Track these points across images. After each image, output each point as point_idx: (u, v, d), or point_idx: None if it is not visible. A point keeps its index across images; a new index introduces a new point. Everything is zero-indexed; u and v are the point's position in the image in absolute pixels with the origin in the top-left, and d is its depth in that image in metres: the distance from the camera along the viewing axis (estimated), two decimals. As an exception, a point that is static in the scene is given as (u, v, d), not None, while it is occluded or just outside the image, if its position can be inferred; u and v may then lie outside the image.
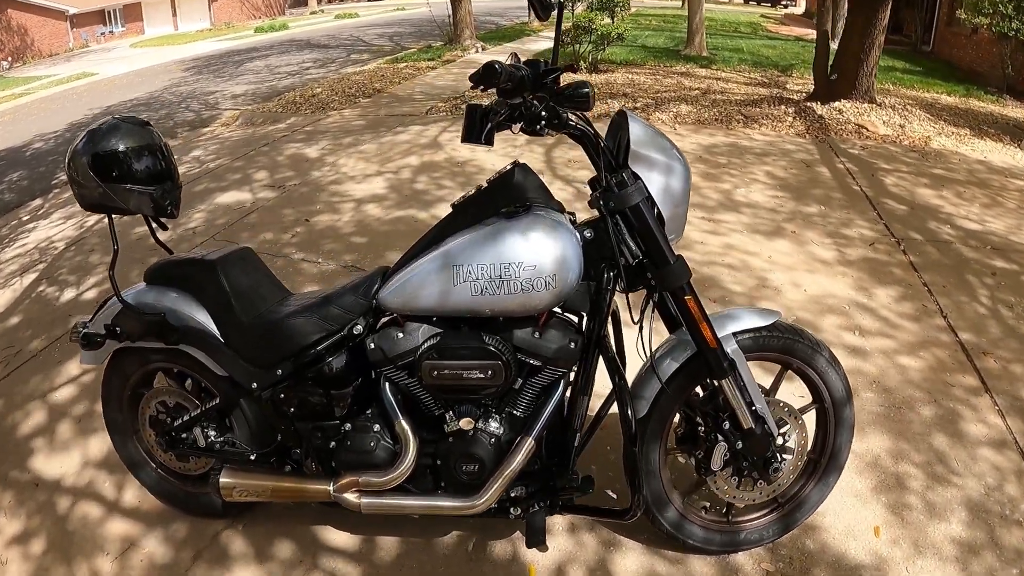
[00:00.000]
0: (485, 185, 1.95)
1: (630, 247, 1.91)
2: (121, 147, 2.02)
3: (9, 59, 25.12)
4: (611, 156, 1.88)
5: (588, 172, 1.94)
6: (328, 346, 2.10)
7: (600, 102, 8.93)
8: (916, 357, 3.41)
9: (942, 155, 6.79)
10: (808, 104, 8.55)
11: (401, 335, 1.99)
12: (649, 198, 1.86)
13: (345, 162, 6.79)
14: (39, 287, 4.73)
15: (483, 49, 15.24)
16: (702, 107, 8.64)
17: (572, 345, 1.95)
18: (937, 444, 2.82)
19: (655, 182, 1.86)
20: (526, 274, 1.81)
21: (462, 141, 1.87)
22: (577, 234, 1.88)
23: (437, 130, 7.75)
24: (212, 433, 2.38)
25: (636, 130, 1.85)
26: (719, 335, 1.97)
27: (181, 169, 6.73)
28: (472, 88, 1.73)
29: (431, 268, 1.91)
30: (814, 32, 19.48)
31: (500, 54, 13.47)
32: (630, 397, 2.04)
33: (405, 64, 13.46)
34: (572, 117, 1.86)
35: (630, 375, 2.11)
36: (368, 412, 2.17)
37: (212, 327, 2.21)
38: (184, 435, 2.39)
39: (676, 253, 1.92)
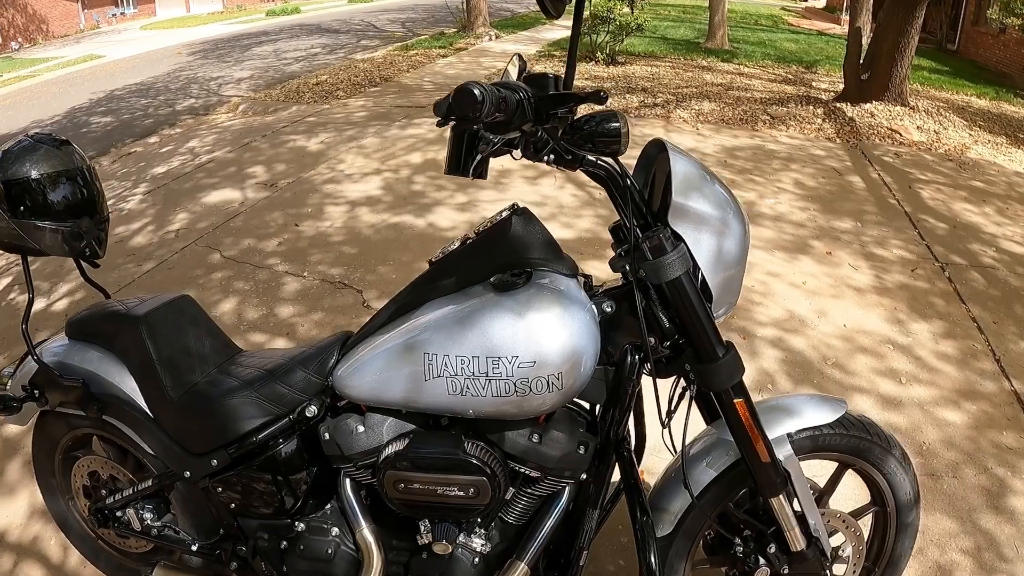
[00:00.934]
0: (472, 237, 1.55)
1: (664, 327, 1.50)
2: (34, 174, 1.65)
3: (19, 40, 24.81)
4: (644, 205, 1.46)
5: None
6: (274, 431, 1.71)
7: (616, 96, 8.55)
8: (961, 410, 3.02)
9: (979, 166, 6.35)
10: (837, 105, 8.12)
11: (361, 429, 1.59)
12: (694, 268, 1.45)
13: (344, 158, 6.43)
14: (10, 295, 4.40)
15: (497, 37, 14.82)
16: (725, 105, 8.22)
17: (582, 450, 1.55)
18: (985, 524, 2.44)
19: (704, 246, 1.44)
20: (522, 371, 1.40)
21: (445, 172, 1.43)
22: (594, 308, 1.49)
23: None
24: (148, 516, 1.99)
25: (681, 170, 1.41)
26: (771, 436, 1.57)
27: (174, 162, 6.29)
28: (440, 124, 1.25)
29: (395, 352, 1.50)
30: (837, 27, 19.04)
31: (514, 43, 13.13)
32: (650, 514, 1.64)
33: (416, 52, 13.07)
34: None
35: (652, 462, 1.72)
36: (327, 508, 1.78)
37: (139, 398, 1.83)
38: (119, 513, 2.02)
39: (726, 340, 1.51)
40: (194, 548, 1.95)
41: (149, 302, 1.94)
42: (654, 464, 2.26)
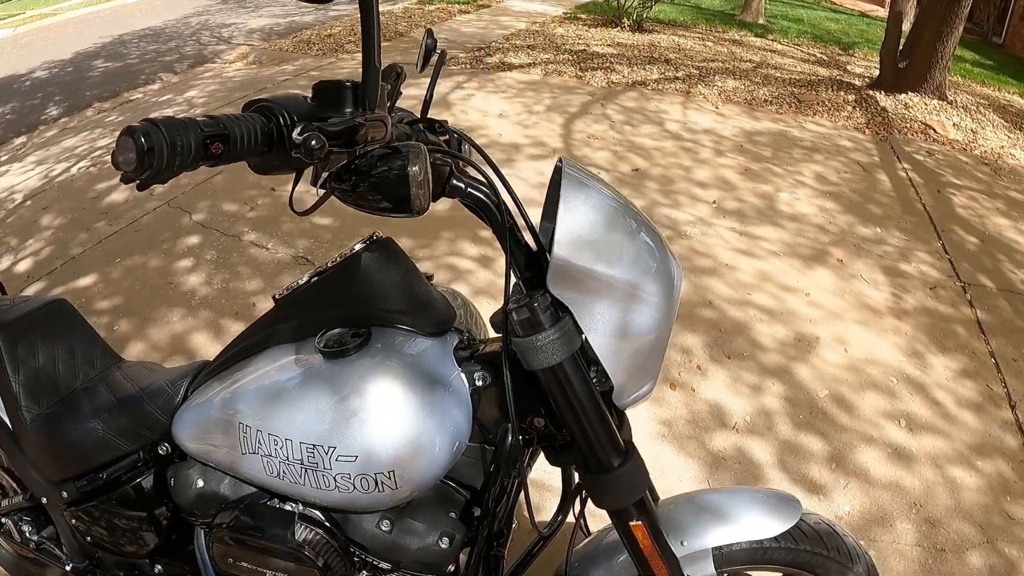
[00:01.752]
0: (315, 278, 1.24)
1: (550, 418, 1.18)
2: None
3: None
4: (528, 255, 1.12)
5: (612, 158, 1.21)
6: (123, 468, 1.51)
7: (638, 67, 8.08)
8: (973, 469, 2.66)
9: (1017, 173, 5.86)
10: (871, 92, 7.61)
11: (201, 483, 1.37)
12: (583, 348, 1.09)
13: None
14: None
15: (524, -5, 14.26)
16: (752, 84, 7.74)
17: (444, 543, 1.25)
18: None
19: (602, 318, 1.06)
20: (342, 466, 1.10)
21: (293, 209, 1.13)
22: (462, 378, 1.18)
23: (449, 86, 6.97)
24: (26, 528, 1.84)
25: (573, 213, 1.02)
26: (690, 549, 1.25)
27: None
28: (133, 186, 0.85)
29: (217, 409, 1.24)
30: (880, 9, 18.22)
31: (540, 2, 12.56)
32: None
33: (436, 6, 12.57)
34: (468, 170, 1.14)
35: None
36: (189, 549, 1.56)
37: (3, 413, 1.64)
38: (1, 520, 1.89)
39: (626, 438, 1.18)
40: (67, 568, 1.79)
41: (17, 308, 1.73)
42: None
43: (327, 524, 1.28)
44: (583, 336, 1.08)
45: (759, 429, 2.79)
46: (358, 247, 1.20)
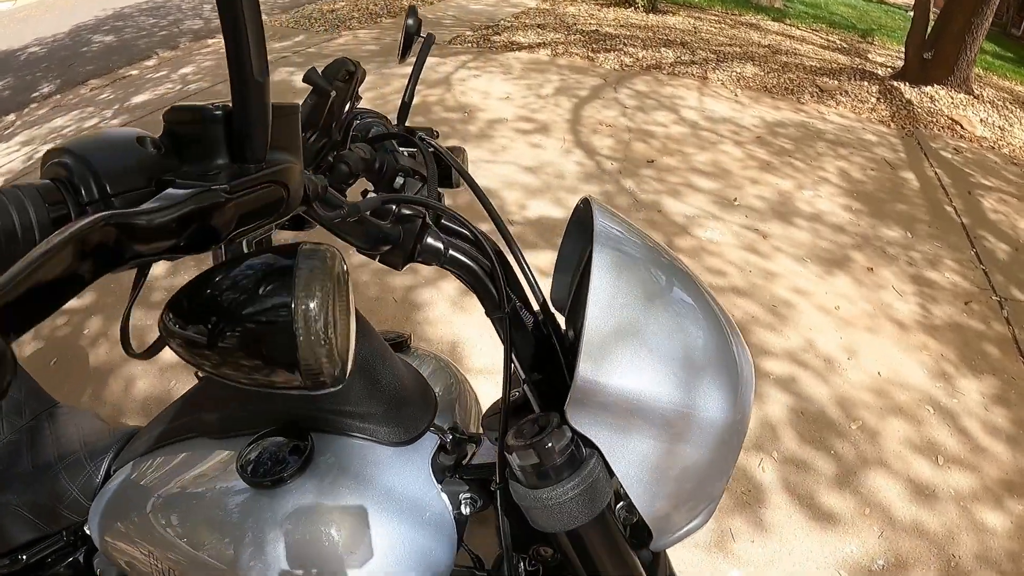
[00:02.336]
0: None
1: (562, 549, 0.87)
2: None
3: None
4: (528, 348, 0.84)
5: (617, 145, 0.95)
6: (45, 552, 1.27)
7: (652, 50, 7.75)
8: (1004, 512, 2.40)
9: (1049, 171, 5.56)
10: (895, 83, 7.27)
11: None
12: (616, 498, 0.84)
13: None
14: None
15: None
16: (770, 70, 7.41)
17: None
18: None
19: (640, 456, 0.76)
20: None
21: None
22: (445, 501, 0.91)
23: (453, 65, 6.65)
24: None
25: (603, 308, 0.74)
26: None
27: (161, 89, 5.67)
28: None
29: (131, 509, 0.99)
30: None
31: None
32: None
33: (446, -19, 12.19)
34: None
35: None
36: None
37: None
38: None
39: None
40: None
41: None
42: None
43: None
44: (614, 479, 0.77)
45: (757, 445, 2.53)
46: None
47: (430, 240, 0.83)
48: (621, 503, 0.87)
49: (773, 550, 2.20)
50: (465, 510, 0.91)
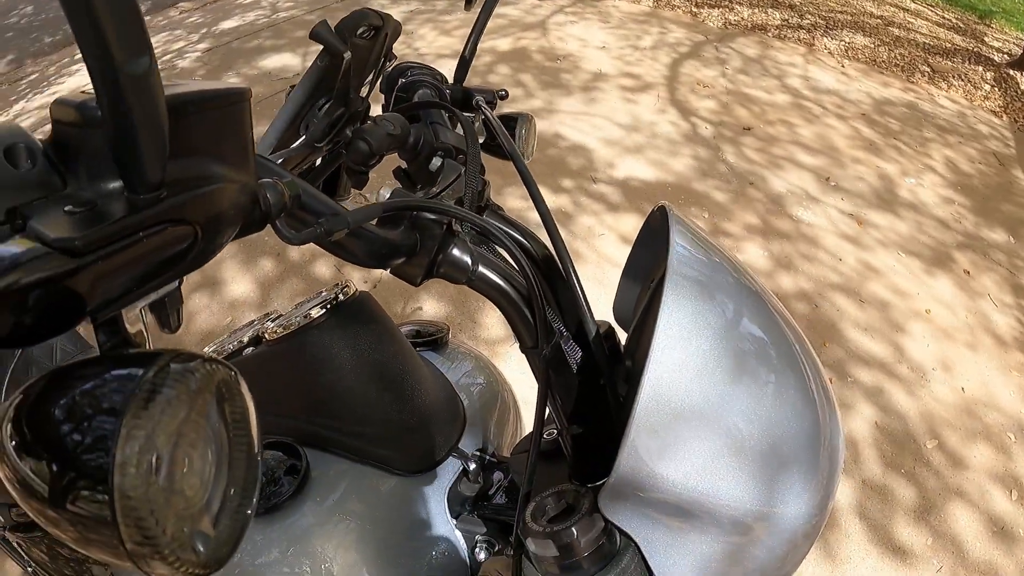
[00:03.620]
0: (254, 348, 0.84)
1: None
2: None
3: None
4: (570, 400, 0.69)
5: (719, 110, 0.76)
6: None
7: (759, 9, 7.35)
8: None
9: None
10: (1011, 72, 6.77)
11: None
12: None
13: (424, 34, 5.59)
14: None
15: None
16: (881, 42, 6.96)
17: None
18: None
19: (685, 561, 0.60)
20: None
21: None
22: (459, 540, 0.81)
23: (550, 9, 6.39)
24: None
25: (662, 372, 0.56)
26: None
27: (249, 16, 5.62)
28: None
29: None
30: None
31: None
32: None
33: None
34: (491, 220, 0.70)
35: None
36: None
37: None
38: None
39: None
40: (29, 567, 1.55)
41: None
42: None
43: None
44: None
45: (847, 468, 2.38)
46: (315, 312, 0.78)
47: (456, 252, 0.67)
48: None
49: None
50: (480, 555, 0.80)
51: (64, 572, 1.37)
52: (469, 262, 0.67)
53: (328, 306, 0.79)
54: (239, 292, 2.92)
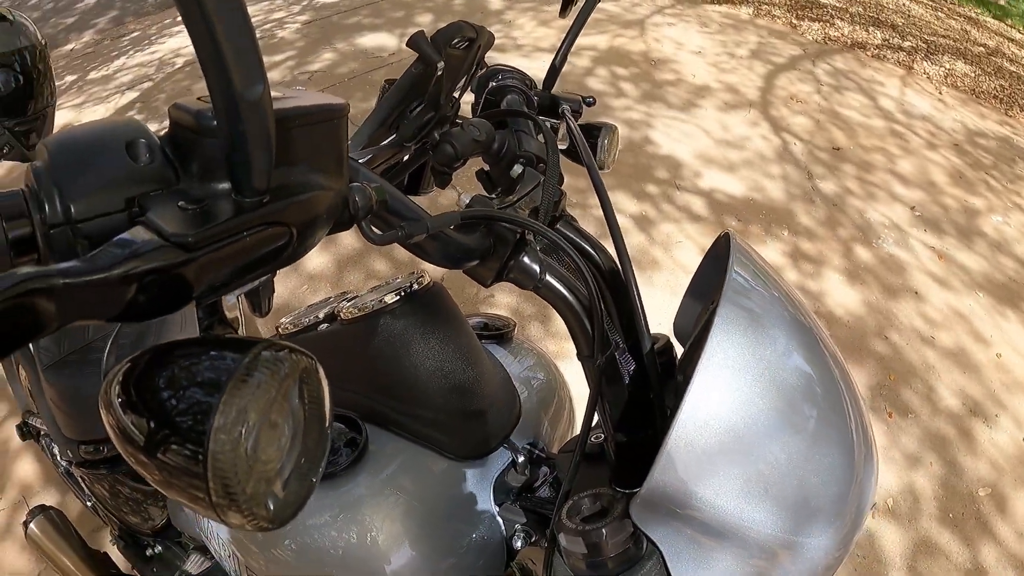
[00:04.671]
0: (328, 324, 0.89)
1: None
2: None
3: None
4: (618, 405, 0.73)
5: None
6: None
7: (860, 27, 7.20)
8: None
9: None
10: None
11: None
12: None
13: (523, 23, 5.64)
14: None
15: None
16: (983, 72, 6.75)
17: None
18: None
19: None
20: None
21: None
22: (499, 526, 0.85)
23: (649, 9, 6.36)
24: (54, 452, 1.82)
25: (707, 392, 0.60)
26: None
27: None
28: None
29: None
30: None
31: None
32: None
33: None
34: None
35: None
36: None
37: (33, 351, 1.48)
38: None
39: None
40: (88, 504, 1.70)
41: None
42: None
43: None
44: None
45: (901, 515, 2.38)
46: (389, 299, 0.82)
47: (526, 260, 0.70)
48: None
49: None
50: (517, 543, 0.84)
51: (122, 509, 1.47)
52: (538, 271, 0.70)
53: (402, 293, 0.83)
54: (316, 266, 3.04)
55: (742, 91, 5.04)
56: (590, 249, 0.76)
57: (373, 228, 0.57)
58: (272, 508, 0.43)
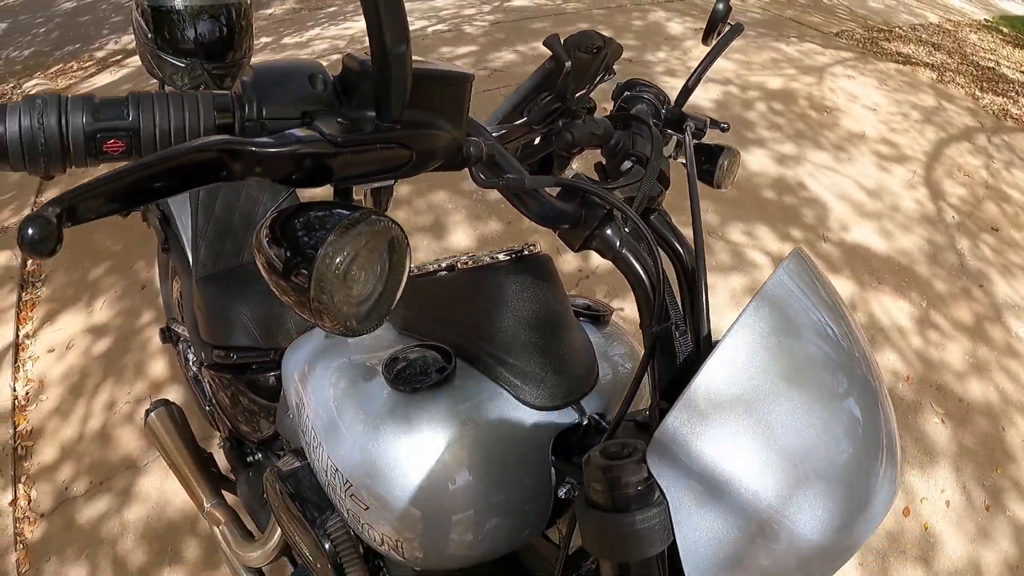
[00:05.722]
0: (448, 271, 1.01)
1: None
2: (177, 4, 1.50)
3: None
4: (668, 372, 0.79)
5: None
6: (257, 358, 1.55)
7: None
8: None
9: None
10: None
11: (290, 417, 1.22)
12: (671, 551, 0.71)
13: (699, 54, 5.66)
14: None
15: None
16: None
17: None
18: None
19: (707, 534, 0.68)
20: (352, 502, 0.94)
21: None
22: (551, 478, 0.93)
23: (832, 59, 6.28)
24: (187, 357, 2.16)
25: (738, 346, 0.68)
26: None
27: None
28: None
29: (304, 363, 1.12)
30: None
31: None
32: None
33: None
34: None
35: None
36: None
37: (190, 259, 1.78)
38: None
39: None
40: (206, 408, 1.91)
41: None
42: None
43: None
44: (671, 539, 0.70)
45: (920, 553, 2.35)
46: (502, 257, 0.95)
47: (609, 232, 0.79)
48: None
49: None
50: (562, 492, 0.91)
51: (237, 417, 1.65)
52: (617, 243, 0.78)
53: (514, 256, 0.95)
54: (460, 243, 3.25)
55: (908, 153, 4.94)
56: (674, 241, 0.90)
57: (481, 175, 0.71)
58: (352, 324, 0.58)
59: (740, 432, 0.67)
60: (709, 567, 0.68)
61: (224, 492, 1.79)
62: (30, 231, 0.45)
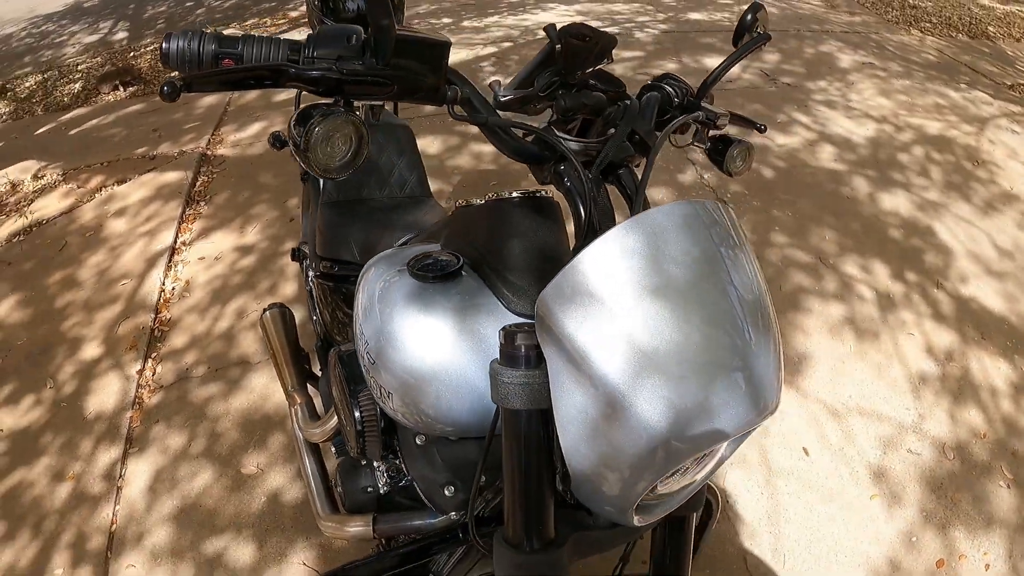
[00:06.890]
0: (494, 196, 1.19)
1: None
2: None
3: None
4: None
5: None
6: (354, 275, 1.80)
7: None
8: None
9: None
10: None
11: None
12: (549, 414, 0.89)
13: (864, 87, 5.55)
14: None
15: None
16: None
17: (448, 492, 1.22)
18: None
19: (572, 407, 0.84)
20: (379, 375, 1.14)
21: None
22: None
23: (1000, 110, 6.01)
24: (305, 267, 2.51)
25: (622, 239, 0.81)
26: None
27: (715, 15, 6.07)
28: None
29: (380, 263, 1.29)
30: None
31: None
32: None
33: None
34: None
35: None
36: None
37: (322, 184, 2.13)
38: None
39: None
40: (314, 315, 2.20)
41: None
42: None
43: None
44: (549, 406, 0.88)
45: None
46: (515, 194, 1.13)
47: (562, 168, 1.07)
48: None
49: None
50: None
51: (334, 327, 1.93)
52: (566, 180, 1.07)
53: (524, 194, 1.13)
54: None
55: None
56: (628, 191, 1.12)
57: (455, 112, 1.00)
58: (325, 171, 0.89)
59: (604, 311, 0.79)
60: (576, 432, 0.84)
61: (309, 386, 2.07)
62: (166, 88, 0.76)
